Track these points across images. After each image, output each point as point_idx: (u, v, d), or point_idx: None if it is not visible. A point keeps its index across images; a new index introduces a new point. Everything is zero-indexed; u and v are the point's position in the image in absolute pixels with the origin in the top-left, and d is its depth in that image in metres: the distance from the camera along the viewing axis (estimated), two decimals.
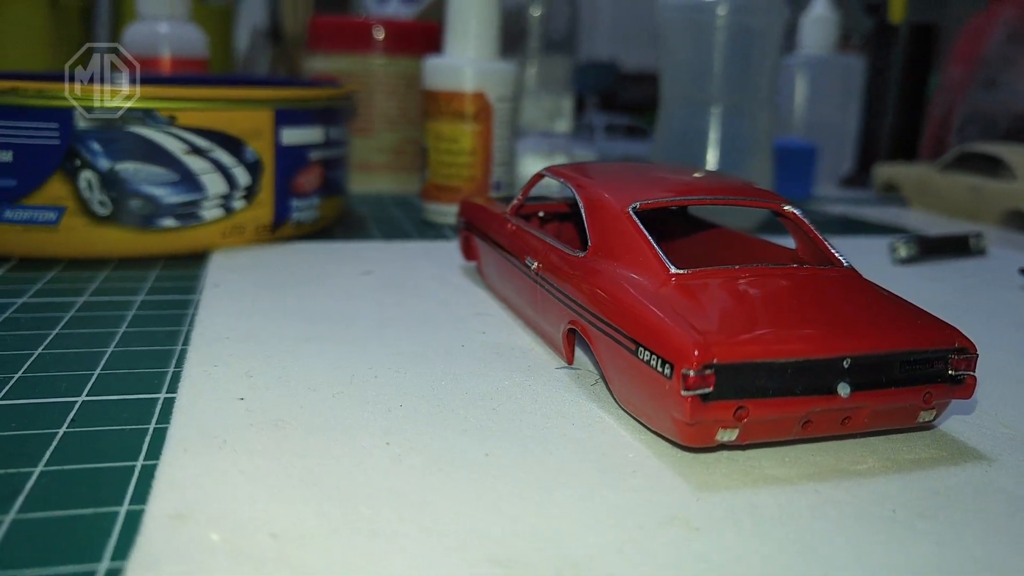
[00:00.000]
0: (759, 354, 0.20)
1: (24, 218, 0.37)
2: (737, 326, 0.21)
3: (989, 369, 0.28)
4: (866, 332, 0.21)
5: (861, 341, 0.21)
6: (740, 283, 0.23)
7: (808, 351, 0.20)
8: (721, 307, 0.22)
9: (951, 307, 0.37)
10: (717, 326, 0.21)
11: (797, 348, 0.20)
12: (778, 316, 0.21)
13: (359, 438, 0.21)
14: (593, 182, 0.27)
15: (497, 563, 0.16)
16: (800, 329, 0.21)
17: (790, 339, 0.20)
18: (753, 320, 0.21)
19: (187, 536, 0.17)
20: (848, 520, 0.19)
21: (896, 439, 0.23)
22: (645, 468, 0.21)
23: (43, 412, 0.23)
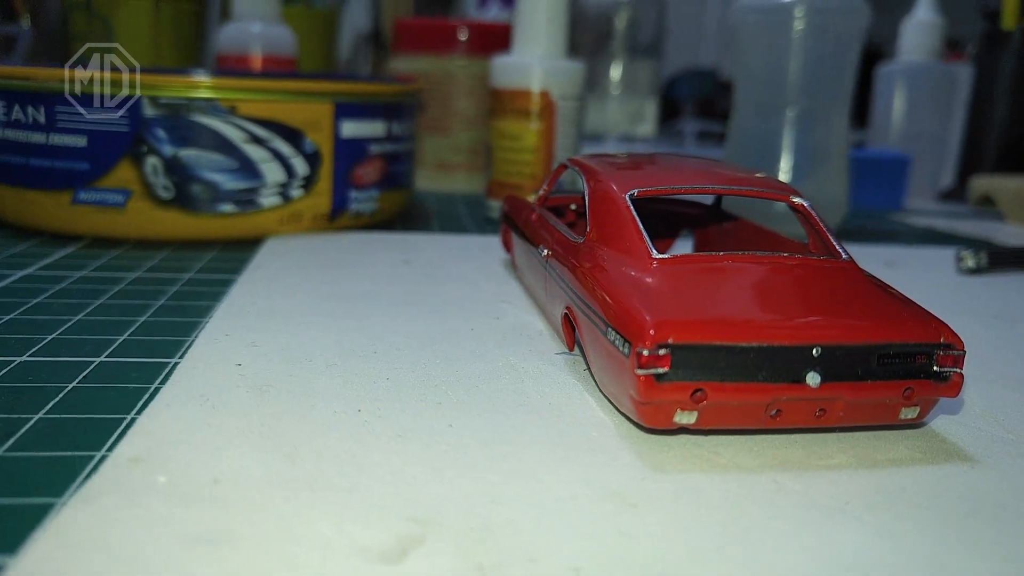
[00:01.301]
0: (719, 337, 0.20)
1: (95, 200, 0.40)
2: (703, 309, 0.20)
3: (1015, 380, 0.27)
4: (842, 322, 0.20)
5: (834, 330, 0.20)
6: (721, 270, 0.23)
7: (773, 336, 0.20)
8: (695, 291, 0.21)
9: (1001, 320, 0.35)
10: (681, 308, 0.20)
11: (761, 333, 0.20)
12: (751, 302, 0.21)
13: (333, 404, 0.22)
14: (603, 171, 0.27)
15: (413, 521, 0.17)
16: (769, 315, 0.20)
17: (755, 324, 0.20)
18: (722, 304, 0.21)
19: (136, 477, 0.18)
20: (792, 509, 0.18)
21: (878, 436, 0.22)
22: (604, 447, 0.21)
23: (61, 369, 0.25)
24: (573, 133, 0.51)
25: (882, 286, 0.23)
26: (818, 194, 0.54)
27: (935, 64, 0.76)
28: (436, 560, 0.15)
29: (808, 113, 0.53)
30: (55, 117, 0.39)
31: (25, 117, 0.40)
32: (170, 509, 0.16)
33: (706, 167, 0.29)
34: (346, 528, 0.16)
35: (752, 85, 0.54)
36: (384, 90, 0.46)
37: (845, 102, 0.54)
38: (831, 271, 0.23)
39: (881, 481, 0.20)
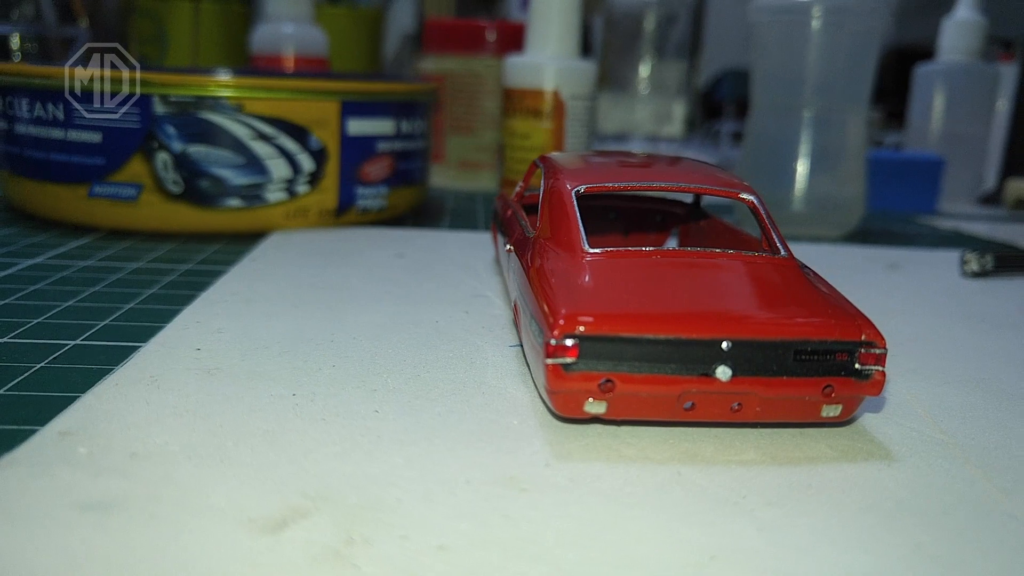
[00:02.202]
0: (627, 329, 0.20)
1: (109, 193, 0.42)
2: (618, 302, 0.21)
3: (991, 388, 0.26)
4: (756, 317, 0.21)
5: (746, 325, 0.20)
6: (650, 264, 0.23)
7: (682, 330, 0.20)
8: (617, 285, 0.22)
9: (986, 323, 0.34)
10: (597, 301, 0.21)
11: (670, 326, 0.20)
12: (669, 296, 0.21)
13: (272, 388, 0.23)
14: (560, 169, 0.28)
15: (306, 496, 0.17)
16: (682, 308, 0.21)
17: (665, 317, 0.20)
18: (640, 297, 0.21)
19: (59, 448, 0.19)
20: (686, 500, 0.18)
21: (802, 434, 0.22)
22: (518, 434, 0.21)
23: (36, 350, 0.26)
24: (583, 132, 0.52)
25: (817, 284, 0.23)
26: (834, 195, 0.53)
27: (976, 64, 0.74)
28: (311, 532, 0.16)
29: (825, 114, 0.52)
30: (72, 114, 0.41)
31: (46, 114, 0.42)
32: (77, 479, 0.18)
33: (666, 166, 0.29)
34: (239, 500, 0.17)
35: (768, 85, 0.54)
36: (392, 89, 0.47)
37: (863, 103, 0.53)
38: (765, 268, 0.23)
39: (788, 477, 0.20)
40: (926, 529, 0.18)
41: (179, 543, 0.16)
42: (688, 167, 0.29)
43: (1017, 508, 0.19)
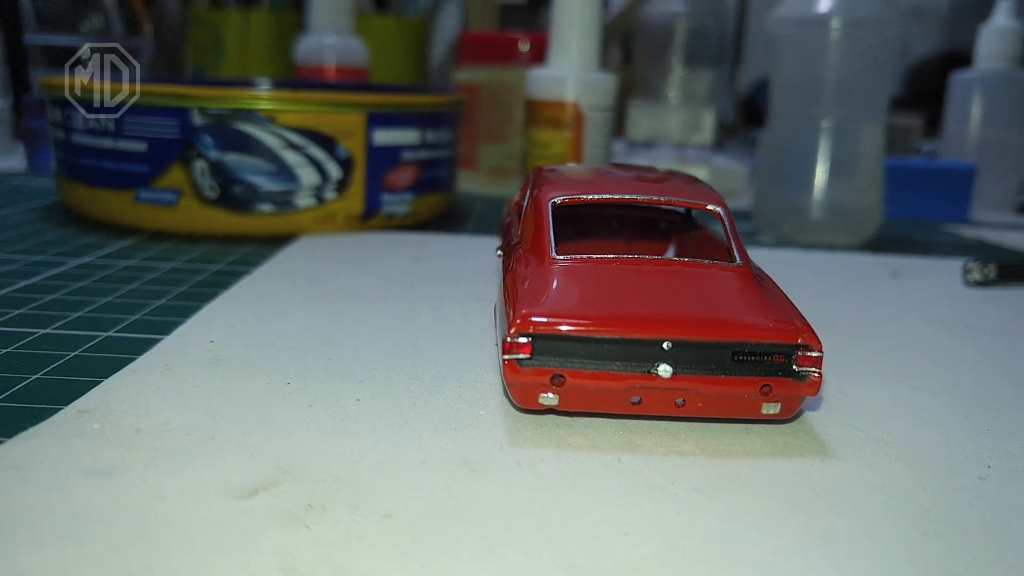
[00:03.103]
0: (576, 329, 0.22)
1: (153, 198, 0.45)
2: (571, 304, 0.23)
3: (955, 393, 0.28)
4: (697, 320, 0.22)
5: (686, 327, 0.22)
6: (609, 271, 0.25)
7: (626, 330, 0.22)
8: (575, 288, 0.24)
9: (973, 331, 0.35)
10: (551, 303, 0.23)
11: (616, 326, 0.22)
12: (620, 299, 0.23)
13: (270, 377, 0.26)
14: (545, 181, 0.30)
15: (280, 469, 0.20)
16: (629, 311, 0.23)
17: (611, 318, 0.22)
18: (593, 300, 0.23)
19: (76, 424, 0.22)
20: (620, 484, 0.20)
21: (748, 430, 0.24)
22: (482, 423, 0.23)
23: (72, 340, 0.30)
24: (602, 142, 0.53)
25: (768, 291, 0.25)
26: (850, 204, 0.54)
27: (1014, 71, 0.73)
28: (276, 499, 0.19)
29: (842, 124, 0.53)
30: (122, 125, 0.45)
31: (99, 124, 0.45)
32: (87, 449, 0.20)
33: (648, 180, 0.31)
34: (221, 470, 0.20)
35: (787, 95, 0.55)
36: (417, 101, 0.50)
37: (880, 112, 0.54)
38: (718, 275, 0.25)
39: (720, 468, 0.22)
40: (836, 518, 0.19)
41: (163, 503, 0.18)
42: (670, 181, 0.31)
43: (930, 501, 0.20)
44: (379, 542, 0.17)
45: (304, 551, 0.17)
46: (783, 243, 0.54)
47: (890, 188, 0.68)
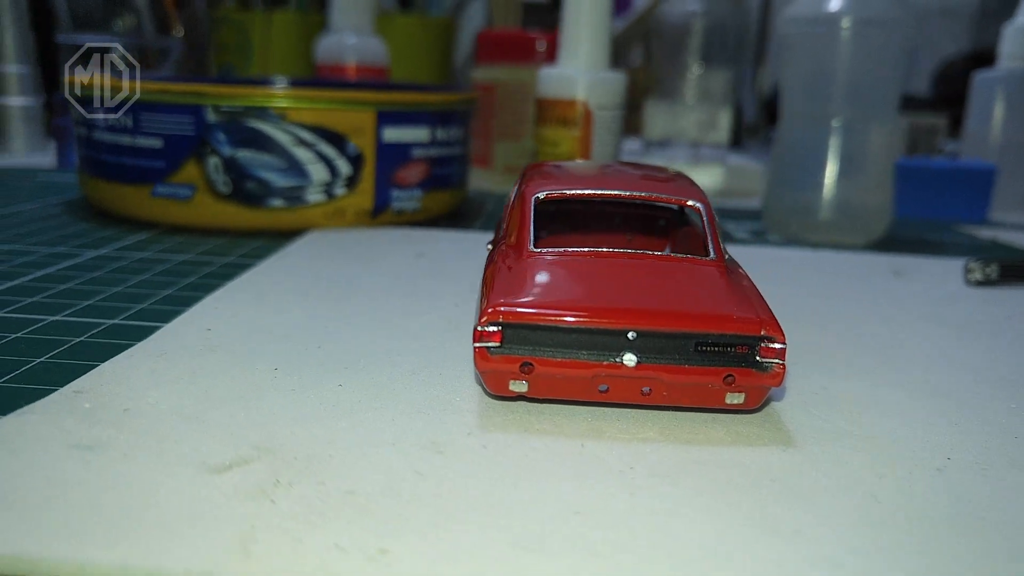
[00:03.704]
0: (544, 318, 0.23)
1: (168, 193, 0.47)
2: (541, 294, 0.24)
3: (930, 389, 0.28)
4: (663, 311, 0.23)
5: (651, 318, 0.23)
6: (583, 264, 0.26)
7: (592, 321, 0.23)
8: (548, 279, 0.25)
9: (963, 330, 0.35)
10: (522, 293, 0.24)
11: (581, 317, 0.23)
12: (590, 290, 0.24)
13: (260, 364, 0.27)
14: (531, 177, 0.31)
15: (255, 448, 0.21)
16: (597, 302, 0.23)
17: (578, 309, 0.23)
18: (564, 291, 0.24)
19: (69, 403, 0.23)
20: (579, 467, 0.21)
21: (715, 419, 0.24)
22: (456, 409, 0.24)
23: (79, 328, 0.31)
24: (611, 140, 0.54)
25: (738, 285, 0.25)
26: (860, 203, 0.54)
27: None
28: (248, 475, 0.20)
29: (851, 123, 0.53)
30: (140, 122, 0.46)
31: (118, 122, 0.47)
32: (76, 426, 0.22)
33: (635, 177, 0.31)
34: (200, 448, 0.21)
35: (797, 95, 0.55)
36: (427, 99, 0.51)
37: (891, 112, 0.54)
38: (691, 269, 0.26)
39: (681, 455, 0.22)
40: (786, 504, 0.20)
41: (141, 477, 0.19)
42: (656, 179, 0.31)
43: (882, 491, 0.21)
44: (338, 516, 0.18)
45: (265, 522, 0.18)
46: (791, 242, 0.54)
47: (908, 189, 0.68)
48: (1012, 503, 0.21)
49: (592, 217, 0.34)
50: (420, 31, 0.98)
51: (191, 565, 0.16)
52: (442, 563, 0.17)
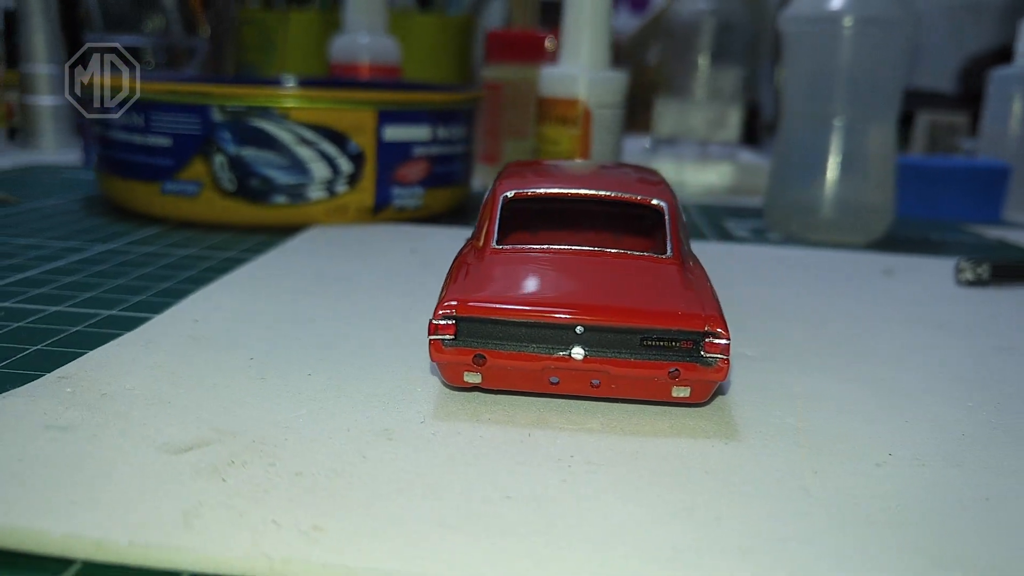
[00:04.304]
0: (495, 313, 0.24)
1: (177, 190, 0.48)
2: (496, 290, 0.25)
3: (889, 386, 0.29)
4: (611, 307, 0.24)
5: (598, 313, 0.24)
6: (543, 260, 0.27)
7: (541, 315, 0.24)
8: (504, 276, 0.26)
9: (942, 330, 0.36)
10: (477, 288, 0.25)
11: (533, 312, 0.24)
12: (546, 286, 0.25)
13: (237, 352, 0.28)
14: (505, 176, 0.32)
15: (217, 431, 0.22)
16: (547, 297, 0.24)
17: (529, 304, 0.24)
18: (517, 287, 0.25)
19: (52, 387, 0.25)
20: (521, 455, 0.22)
21: (654, 412, 0.25)
22: (414, 399, 0.25)
23: (77, 318, 0.33)
24: (610, 139, 0.55)
25: (691, 282, 0.26)
26: (861, 202, 0.54)
27: None
28: (204, 455, 0.21)
29: (853, 122, 0.54)
30: (150, 121, 0.48)
31: (131, 121, 0.49)
32: (54, 408, 0.23)
33: (604, 175, 0.32)
34: (165, 431, 0.22)
35: (798, 93, 0.55)
36: (428, 99, 0.52)
37: (892, 111, 0.54)
38: (646, 266, 0.27)
39: (621, 445, 0.23)
40: (714, 494, 0.21)
41: (104, 455, 0.21)
42: (628, 178, 0.32)
43: (815, 484, 0.22)
44: (282, 494, 0.19)
45: (212, 499, 0.19)
46: (790, 241, 0.55)
47: (920, 188, 0.67)
48: (940, 499, 0.21)
49: (571, 215, 0.35)
50: (439, 30, 1.00)
51: (135, 537, 0.17)
52: (367, 539, 0.18)
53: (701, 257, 0.31)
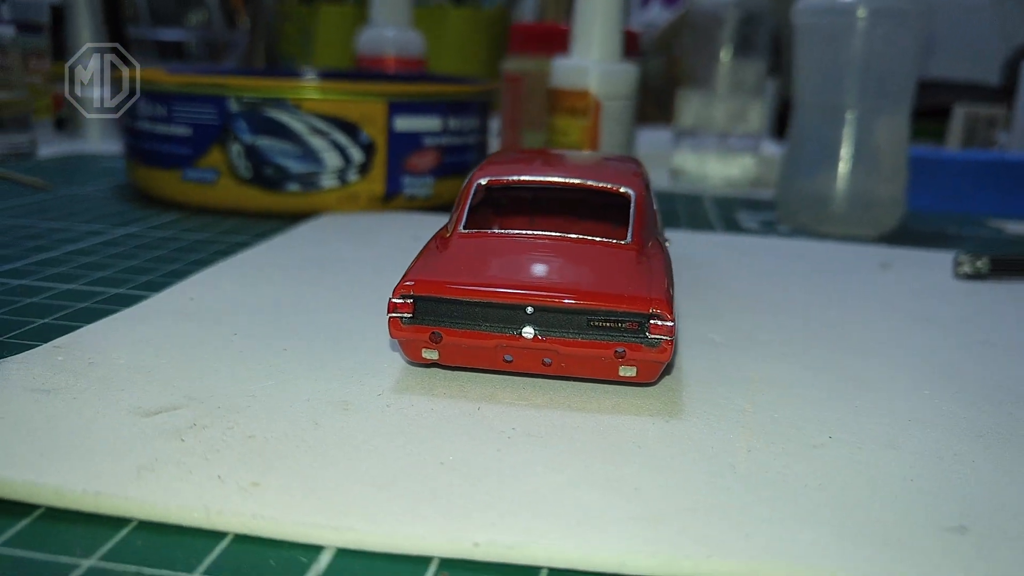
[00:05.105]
0: (451, 292, 0.25)
1: (196, 177, 0.51)
2: (453, 271, 0.26)
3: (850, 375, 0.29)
4: (561, 289, 0.25)
5: (547, 295, 0.25)
6: (503, 244, 0.28)
7: (493, 296, 0.25)
8: (466, 258, 0.27)
9: (926, 323, 0.36)
10: (437, 269, 0.26)
11: (486, 292, 0.25)
12: (502, 268, 0.26)
13: (221, 329, 0.30)
14: (488, 164, 0.33)
15: (188, 397, 0.24)
16: (501, 279, 0.26)
17: (483, 285, 0.25)
18: (474, 269, 0.26)
19: (45, 355, 0.27)
20: (466, 427, 0.23)
21: (606, 390, 0.26)
22: (379, 373, 0.27)
23: (87, 295, 0.35)
24: (619, 131, 0.56)
25: (644, 267, 0.27)
26: (871, 196, 0.54)
27: None
28: (170, 418, 0.23)
29: (864, 114, 0.54)
30: (172, 112, 0.50)
31: (155, 112, 0.51)
32: (43, 374, 0.25)
33: (578, 164, 0.33)
34: (140, 397, 0.24)
35: (810, 85, 0.55)
36: (439, 90, 0.54)
37: (905, 103, 0.54)
38: (603, 250, 0.28)
39: (564, 420, 0.24)
40: (640, 467, 0.22)
41: (80, 415, 0.23)
42: (604, 167, 0.33)
43: (744, 462, 0.23)
44: (232, 454, 0.21)
45: (167, 456, 0.21)
46: (800, 233, 0.55)
47: (946, 182, 0.67)
48: (863, 479, 0.22)
49: (547, 203, 0.36)
50: (472, 24, 1.01)
51: (87, 486, 0.19)
52: (299, 496, 0.19)
53: (702, 248, 0.32)
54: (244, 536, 0.19)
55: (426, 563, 0.18)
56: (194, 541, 0.19)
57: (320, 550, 0.18)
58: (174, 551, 0.18)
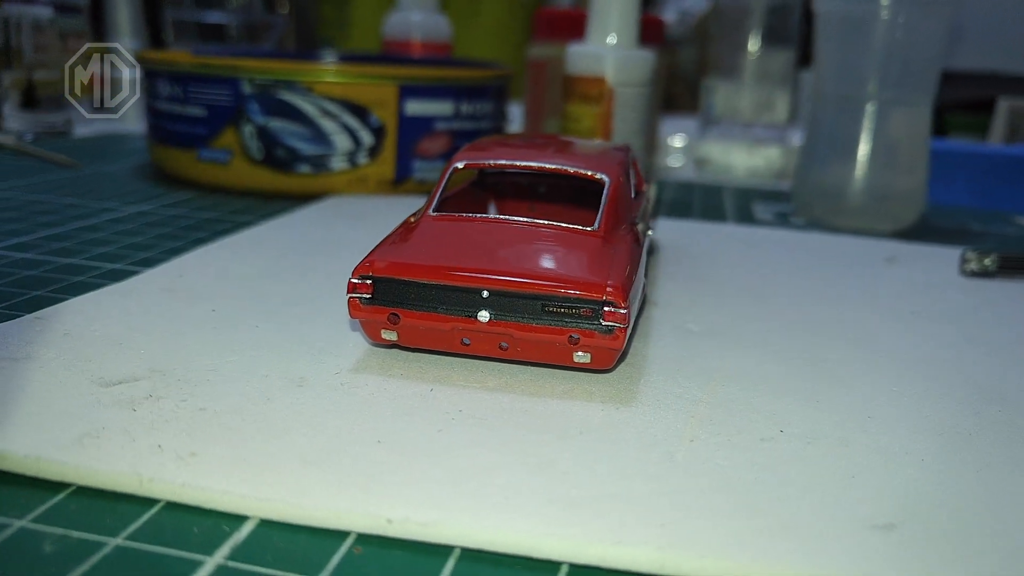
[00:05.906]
0: (408, 275, 0.26)
1: (210, 157, 0.52)
2: (414, 254, 0.26)
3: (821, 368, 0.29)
4: (517, 274, 0.25)
5: (503, 280, 0.25)
6: (469, 228, 0.28)
7: (452, 279, 0.25)
8: (432, 241, 0.27)
9: (917, 316, 0.36)
10: (399, 251, 0.27)
11: (443, 275, 0.25)
12: (464, 252, 0.27)
13: (202, 304, 0.31)
14: (470, 148, 0.33)
15: (153, 370, 0.25)
16: (460, 262, 0.26)
17: (442, 268, 0.26)
18: (436, 252, 0.27)
19: (26, 326, 0.28)
20: (414, 407, 0.24)
21: (562, 376, 0.26)
22: (342, 353, 0.27)
23: (85, 269, 0.36)
24: (634, 118, 0.55)
25: (606, 255, 0.27)
26: (890, 190, 0.53)
27: None
28: (129, 389, 0.24)
29: (886, 106, 0.53)
30: (188, 93, 0.52)
31: (173, 93, 0.53)
32: (18, 343, 0.26)
33: (560, 149, 0.33)
34: (107, 367, 0.25)
35: (831, 76, 0.54)
36: (451, 75, 0.54)
37: (927, 95, 0.53)
38: (567, 237, 0.28)
39: (513, 404, 0.24)
40: (575, 452, 0.22)
41: (44, 383, 0.24)
42: (585, 154, 0.33)
43: (684, 451, 0.22)
44: (179, 425, 0.22)
45: (115, 425, 0.22)
46: (813, 226, 0.54)
47: (980, 178, 0.65)
48: (805, 473, 0.22)
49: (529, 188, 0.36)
50: (507, 10, 1.01)
51: (30, 450, 0.20)
52: (232, 467, 0.20)
53: (709, 239, 0.32)
54: (175, 504, 0.19)
55: (342, 537, 0.19)
56: (127, 507, 0.19)
57: (244, 520, 0.19)
58: (104, 516, 0.19)
